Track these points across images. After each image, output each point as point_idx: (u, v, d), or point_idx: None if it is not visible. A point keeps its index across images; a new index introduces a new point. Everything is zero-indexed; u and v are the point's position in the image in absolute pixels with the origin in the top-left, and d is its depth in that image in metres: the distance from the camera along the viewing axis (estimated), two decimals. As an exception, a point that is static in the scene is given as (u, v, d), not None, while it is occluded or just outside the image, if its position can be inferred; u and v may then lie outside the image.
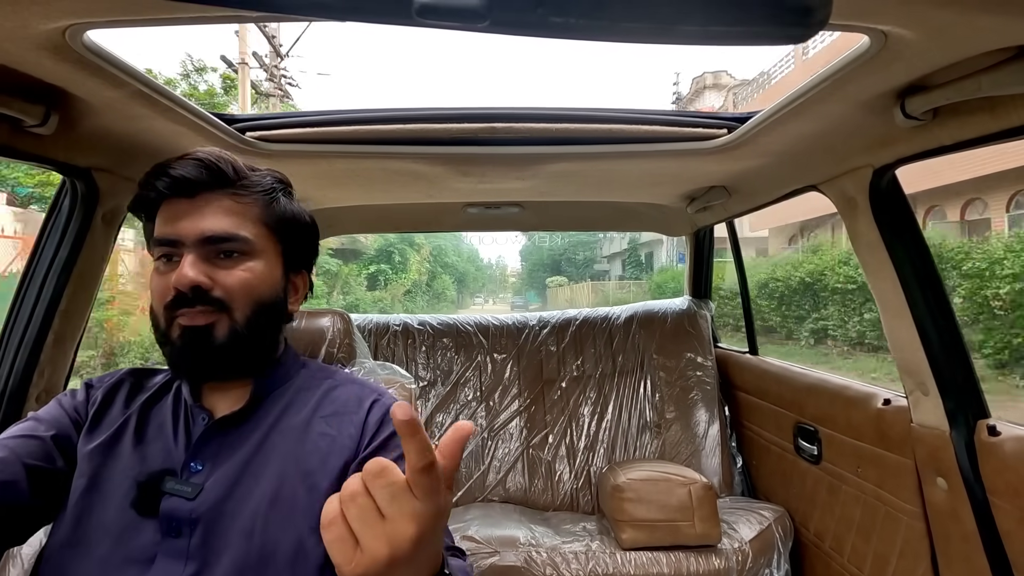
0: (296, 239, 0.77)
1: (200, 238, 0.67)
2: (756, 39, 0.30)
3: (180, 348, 0.67)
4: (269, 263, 0.72)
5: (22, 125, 0.81)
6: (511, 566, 1.46)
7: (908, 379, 1.15)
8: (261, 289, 0.71)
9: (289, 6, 0.31)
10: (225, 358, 0.68)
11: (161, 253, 0.68)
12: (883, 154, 1.03)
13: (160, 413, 0.73)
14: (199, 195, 0.68)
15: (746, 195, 1.57)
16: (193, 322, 0.66)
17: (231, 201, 0.70)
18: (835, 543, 1.45)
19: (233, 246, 0.69)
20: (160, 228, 0.69)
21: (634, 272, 21.67)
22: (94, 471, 0.68)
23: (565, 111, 1.14)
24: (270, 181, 0.74)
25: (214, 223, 0.68)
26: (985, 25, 0.60)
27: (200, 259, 0.67)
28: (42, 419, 0.71)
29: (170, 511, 0.64)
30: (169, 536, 0.64)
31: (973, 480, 1.03)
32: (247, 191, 0.71)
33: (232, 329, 0.68)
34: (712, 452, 1.94)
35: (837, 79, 0.80)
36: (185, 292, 0.65)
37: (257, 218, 0.72)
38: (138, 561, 0.63)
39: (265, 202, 0.73)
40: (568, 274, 23.77)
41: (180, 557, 0.63)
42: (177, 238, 0.67)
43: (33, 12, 0.59)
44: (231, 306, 0.68)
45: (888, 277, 1.12)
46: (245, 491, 0.66)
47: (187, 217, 0.67)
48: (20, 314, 1.02)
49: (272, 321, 0.73)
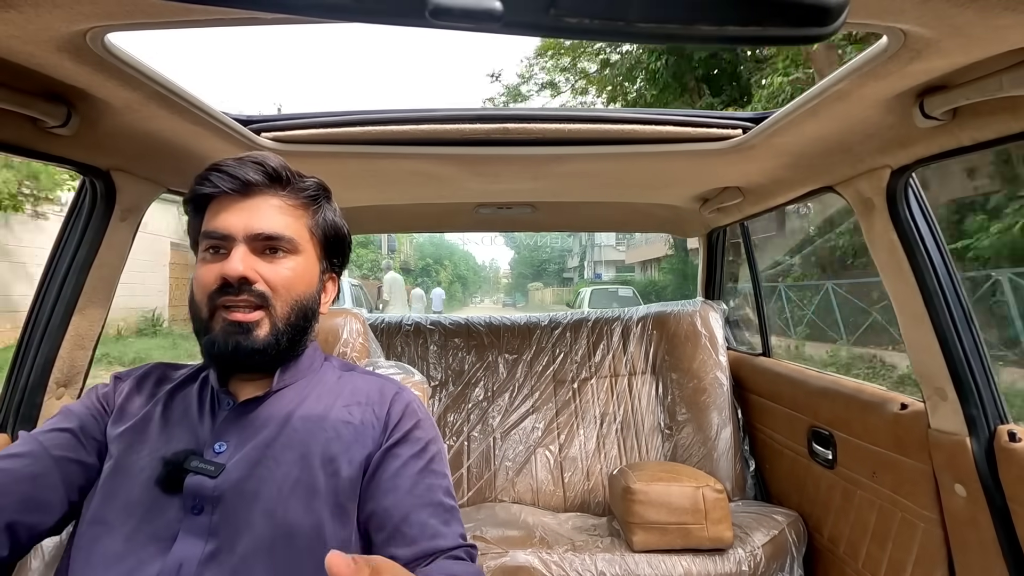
0: (333, 244, 0.82)
1: (251, 234, 0.72)
2: (774, 39, 0.30)
3: (222, 340, 0.70)
4: (309, 263, 0.77)
5: (44, 126, 0.82)
6: (521, 566, 1.45)
7: (926, 384, 1.13)
8: (300, 287, 0.75)
9: (304, 7, 0.31)
10: (262, 356, 0.72)
11: (209, 245, 0.73)
12: (901, 155, 1.02)
13: (186, 399, 0.77)
14: (252, 193, 0.73)
15: (760, 196, 1.55)
16: (239, 317, 0.70)
17: (281, 202, 0.75)
18: (849, 549, 1.43)
19: (279, 244, 0.73)
20: (211, 222, 0.73)
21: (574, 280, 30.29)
22: (121, 452, 0.71)
23: (578, 112, 1.13)
24: (315, 187, 0.80)
25: (265, 222, 0.73)
26: (1007, 23, 0.59)
27: (248, 252, 0.71)
28: (72, 412, 0.75)
29: (193, 488, 0.67)
30: (192, 513, 0.66)
31: (992, 487, 1.01)
32: (295, 194, 0.77)
33: (273, 327, 0.72)
34: (724, 455, 1.92)
35: (855, 79, 0.79)
36: (232, 282, 0.69)
37: (302, 220, 0.77)
38: (162, 538, 0.65)
39: (311, 207, 0.79)
40: (544, 280, 31.76)
41: (201, 534, 0.65)
42: (229, 233, 0.71)
43: (55, 16, 0.60)
44: (273, 301, 0.72)
45: (906, 280, 1.10)
46: (266, 472, 0.68)
47: (239, 213, 0.72)
48: (40, 312, 1.04)
49: (307, 318, 0.77)
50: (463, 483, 1.94)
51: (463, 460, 1.97)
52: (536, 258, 31.93)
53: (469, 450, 1.99)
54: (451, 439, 2.00)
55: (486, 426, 2.03)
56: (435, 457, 0.77)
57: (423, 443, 0.76)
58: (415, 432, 0.77)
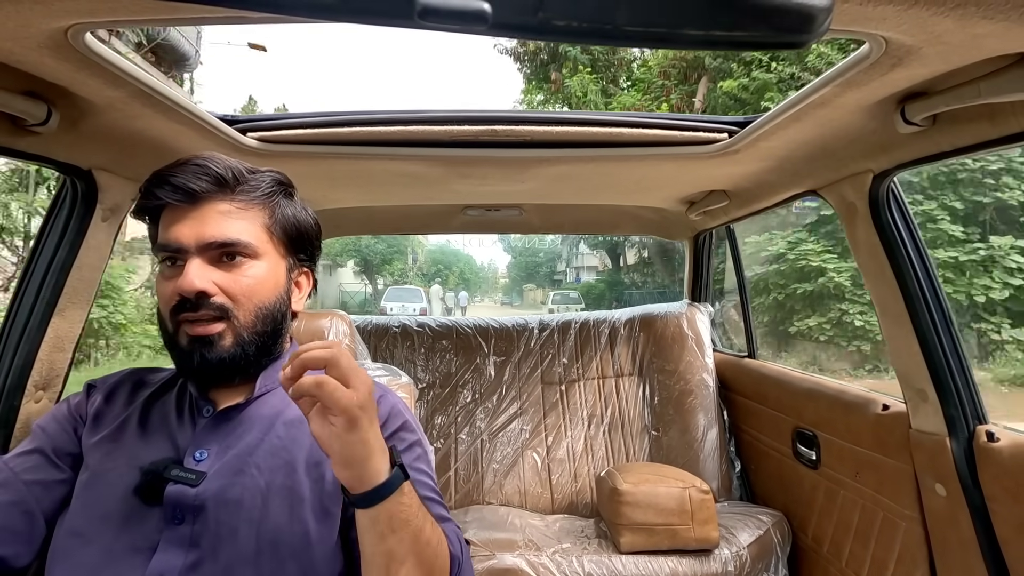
0: (298, 238, 0.78)
1: (202, 244, 0.68)
2: (758, 45, 0.30)
3: (188, 354, 0.69)
4: (272, 265, 0.74)
5: (24, 124, 0.81)
6: (509, 568, 1.45)
7: (907, 385, 1.15)
8: (263, 293, 0.72)
9: (290, 6, 0.31)
10: (230, 366, 0.70)
11: (165, 257, 0.70)
12: (883, 159, 1.03)
13: (164, 406, 0.75)
14: (200, 200, 0.70)
15: (746, 200, 1.57)
16: (200, 331, 0.68)
17: (231, 205, 0.71)
18: (833, 548, 1.45)
19: (236, 250, 0.70)
20: (163, 234, 0.70)
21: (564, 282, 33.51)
22: (97, 462, 0.69)
23: (565, 114, 1.14)
24: (269, 183, 0.75)
25: (215, 229, 0.69)
26: (985, 32, 0.60)
27: (203, 264, 0.68)
28: (43, 430, 0.73)
29: (174, 498, 0.65)
30: (172, 523, 0.64)
31: (972, 486, 1.02)
32: (247, 195, 0.73)
33: (238, 336, 0.70)
34: (710, 456, 1.94)
35: (838, 84, 0.80)
36: (189, 297, 0.67)
37: (258, 221, 0.73)
38: (141, 549, 0.63)
39: (266, 205, 0.74)
40: (536, 282, 35.70)
41: (183, 544, 0.64)
42: (180, 245, 0.68)
43: (35, 12, 0.59)
44: (234, 311, 0.69)
45: (887, 283, 1.12)
46: (249, 480, 0.67)
47: (189, 223, 0.69)
48: (19, 313, 1.02)
49: (275, 322, 0.75)
50: (450, 486, 1.93)
51: (451, 463, 1.96)
52: (530, 263, 35.09)
53: (457, 452, 1.98)
54: (438, 441, 2.00)
55: (474, 428, 2.03)
56: (420, 457, 0.76)
57: (407, 444, 0.76)
58: (400, 433, 0.76)
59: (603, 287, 19.48)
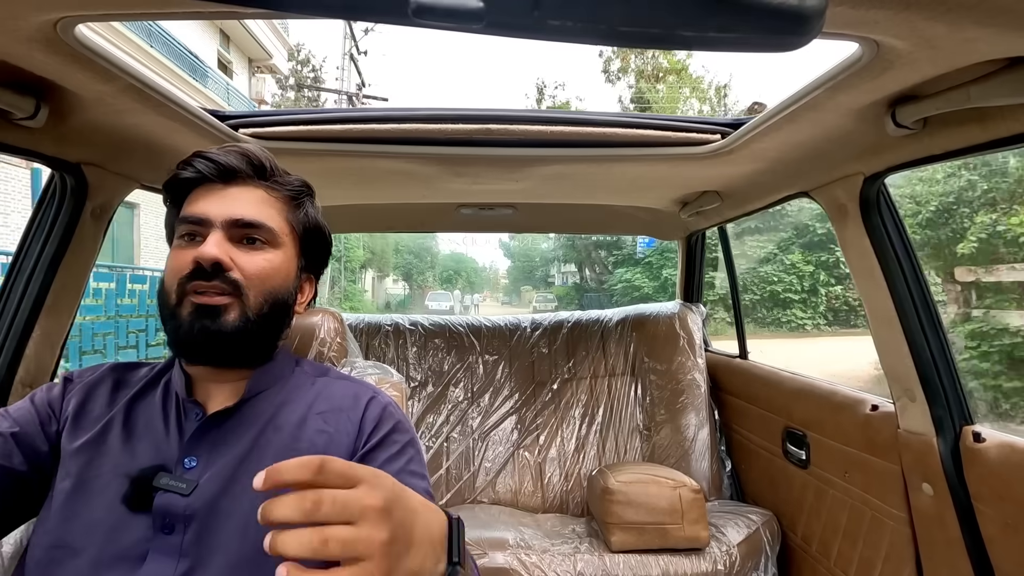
0: (313, 242, 0.80)
1: (229, 220, 0.69)
2: (751, 47, 0.30)
3: (188, 324, 0.67)
4: (287, 257, 0.75)
5: (12, 117, 0.80)
6: (500, 568, 1.45)
7: (895, 385, 1.16)
8: (276, 280, 0.73)
9: (287, 4, 0.30)
10: (230, 343, 0.68)
11: (186, 231, 0.70)
12: (874, 162, 1.04)
13: (148, 409, 0.72)
14: (233, 181, 0.72)
15: (739, 200, 1.58)
16: (206, 300, 0.67)
17: (263, 193, 0.73)
18: (822, 547, 1.46)
19: (258, 233, 0.71)
20: (190, 208, 0.71)
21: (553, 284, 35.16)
22: (80, 469, 0.67)
23: (560, 114, 1.14)
24: (299, 183, 0.78)
25: (245, 209, 0.71)
26: (975, 36, 0.61)
27: (224, 239, 0.69)
28: (7, 415, 0.69)
29: (164, 507, 0.64)
30: (162, 532, 0.63)
31: (958, 486, 1.04)
32: (279, 187, 0.75)
33: (243, 314, 0.69)
34: (701, 456, 1.95)
35: (829, 87, 0.81)
36: (205, 266, 0.66)
37: (284, 214, 0.75)
38: (129, 559, 0.62)
39: (293, 201, 0.77)
40: (533, 284, 38.47)
41: (173, 554, 0.62)
42: (206, 217, 0.69)
43: (25, 4, 0.58)
44: (245, 291, 0.69)
45: (877, 284, 1.13)
46: (241, 488, 0.66)
47: (218, 200, 0.70)
48: (6, 309, 1.01)
49: (280, 315, 0.75)
50: (442, 484, 1.93)
51: (442, 461, 1.96)
52: (527, 266, 38.12)
53: (448, 451, 1.98)
54: (430, 440, 1.99)
55: (466, 427, 2.03)
56: (413, 459, 0.75)
57: (400, 445, 0.75)
58: (392, 435, 0.74)
59: (574, 292, 24.36)
